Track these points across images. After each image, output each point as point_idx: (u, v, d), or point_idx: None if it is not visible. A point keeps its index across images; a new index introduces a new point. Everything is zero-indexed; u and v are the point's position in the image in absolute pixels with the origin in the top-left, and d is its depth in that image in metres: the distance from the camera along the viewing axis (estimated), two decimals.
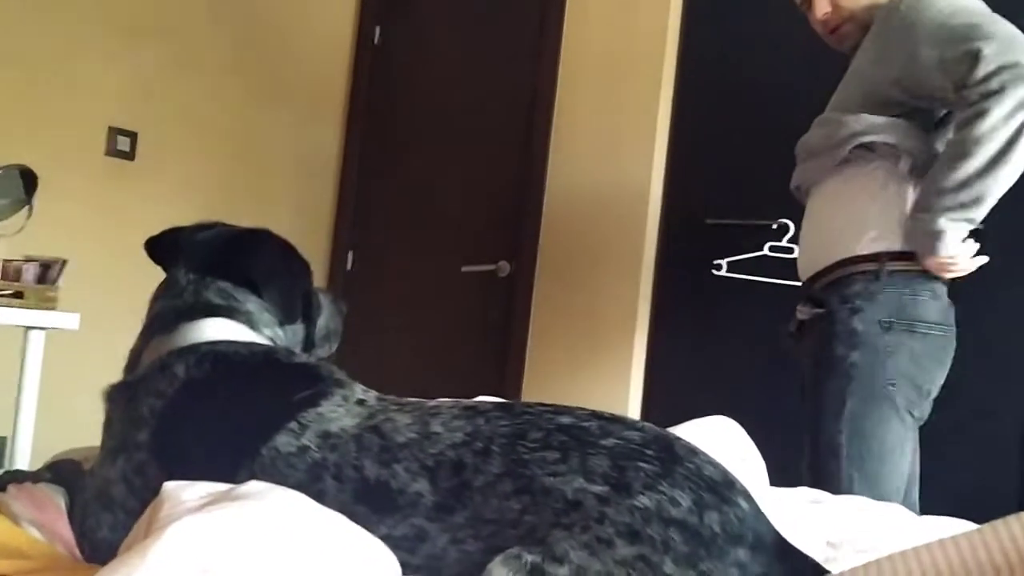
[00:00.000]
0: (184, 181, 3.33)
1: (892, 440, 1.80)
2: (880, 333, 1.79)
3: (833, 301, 1.84)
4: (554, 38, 3.34)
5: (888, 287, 1.80)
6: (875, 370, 1.78)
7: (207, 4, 3.37)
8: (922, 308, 1.81)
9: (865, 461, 1.78)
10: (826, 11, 1.98)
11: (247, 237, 1.26)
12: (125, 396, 1.10)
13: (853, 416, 1.79)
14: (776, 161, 2.83)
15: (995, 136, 1.65)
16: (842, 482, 1.77)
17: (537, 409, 0.92)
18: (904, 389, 1.80)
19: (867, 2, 1.93)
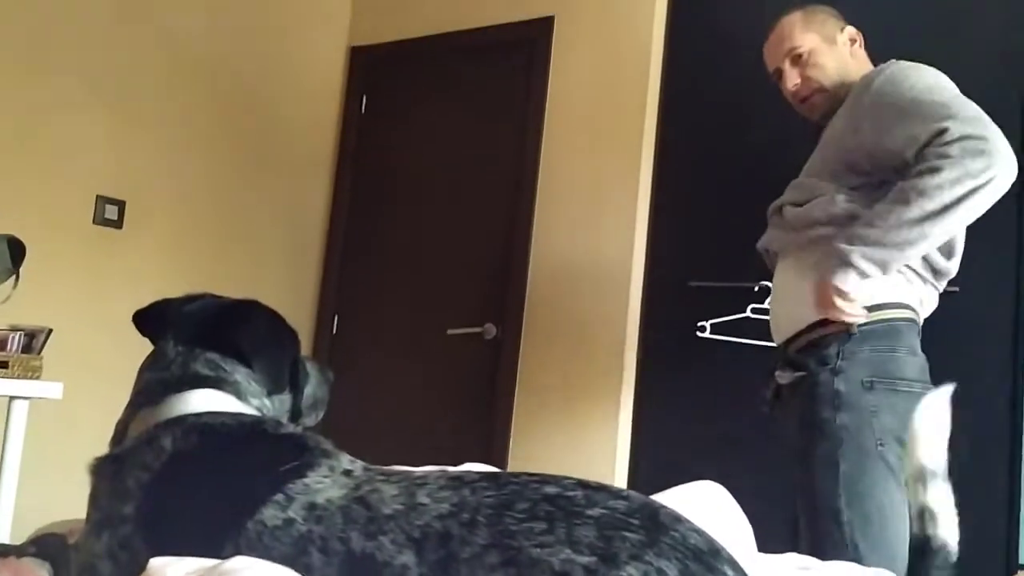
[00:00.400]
0: (172, 249, 3.34)
1: (888, 501, 1.78)
2: (863, 392, 1.79)
3: (812, 363, 1.85)
4: (538, 106, 3.42)
5: (865, 345, 1.81)
6: (863, 430, 1.78)
7: (194, 72, 3.42)
8: (902, 365, 1.82)
9: (867, 525, 1.76)
10: (796, 83, 2.04)
11: (236, 308, 1.27)
12: (111, 469, 1.09)
13: (848, 479, 1.77)
14: (755, 224, 2.87)
15: (938, 194, 1.68)
16: (847, 548, 1.74)
17: (523, 479, 0.93)
18: (893, 447, 1.78)
19: (836, 76, 2.00)
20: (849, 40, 2.04)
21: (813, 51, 2.02)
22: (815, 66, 2.02)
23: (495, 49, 3.64)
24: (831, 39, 2.03)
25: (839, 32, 2.04)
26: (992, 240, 2.09)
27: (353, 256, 3.89)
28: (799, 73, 2.04)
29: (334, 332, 3.86)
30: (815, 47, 2.02)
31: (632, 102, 3.21)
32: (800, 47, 2.03)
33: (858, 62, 2.02)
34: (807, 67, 2.03)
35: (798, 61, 2.04)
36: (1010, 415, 2.52)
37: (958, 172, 1.67)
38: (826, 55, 2.02)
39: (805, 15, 2.06)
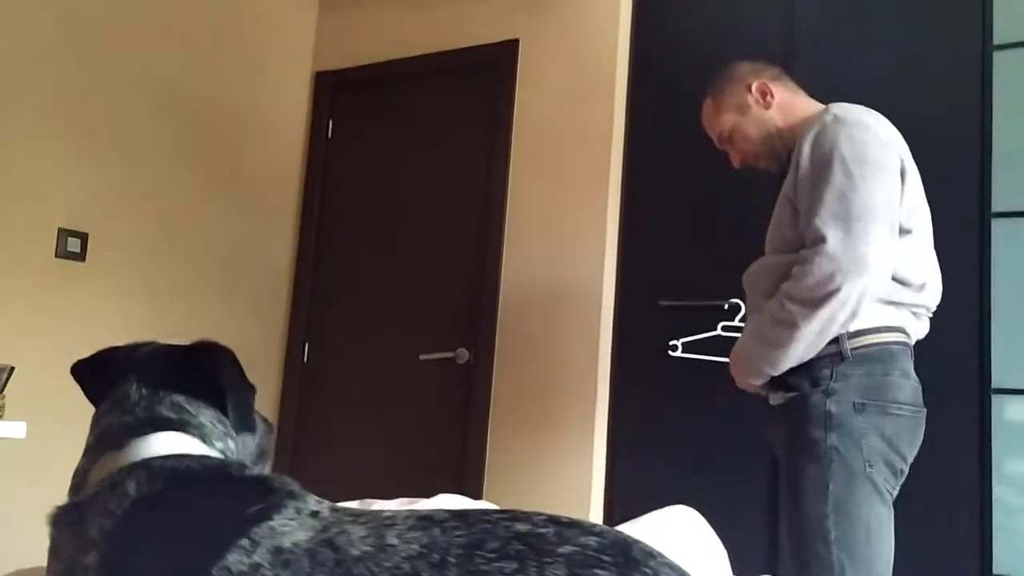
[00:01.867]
0: (137, 281, 3.29)
1: (875, 522, 1.80)
2: (854, 414, 1.81)
3: (804, 385, 1.86)
4: (505, 129, 3.43)
5: (859, 368, 1.83)
6: (852, 452, 1.80)
7: (157, 101, 3.39)
8: (894, 388, 1.84)
9: (853, 545, 1.77)
10: (737, 160, 2.16)
11: (201, 348, 1.25)
12: (72, 518, 1.06)
13: (837, 499, 1.78)
14: (724, 243, 2.92)
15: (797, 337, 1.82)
16: (833, 567, 1.76)
17: (494, 517, 0.92)
18: (880, 469, 1.81)
19: (763, 137, 2.07)
20: (759, 95, 2.08)
21: (734, 128, 2.11)
22: (742, 139, 2.11)
23: (461, 72, 3.65)
24: (743, 108, 2.09)
25: (748, 94, 2.09)
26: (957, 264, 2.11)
27: (323, 283, 3.86)
28: (735, 151, 2.15)
29: (304, 360, 3.82)
30: (733, 124, 2.11)
31: (599, 123, 3.23)
32: (723, 131, 2.13)
33: (779, 107, 2.07)
34: (738, 143, 2.13)
35: (730, 141, 2.14)
36: (979, 427, 2.55)
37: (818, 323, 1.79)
38: (746, 125, 2.09)
39: (714, 98, 2.15)
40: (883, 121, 1.91)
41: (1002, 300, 2.58)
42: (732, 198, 2.95)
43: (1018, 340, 2.56)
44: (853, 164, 1.80)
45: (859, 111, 1.90)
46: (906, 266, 1.86)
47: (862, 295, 1.77)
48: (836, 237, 1.77)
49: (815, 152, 1.87)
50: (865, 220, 1.77)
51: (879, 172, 1.81)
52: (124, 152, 3.27)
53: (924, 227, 1.93)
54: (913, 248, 1.88)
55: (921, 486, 1.95)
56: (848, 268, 1.75)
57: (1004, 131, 2.64)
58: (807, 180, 1.87)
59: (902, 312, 1.90)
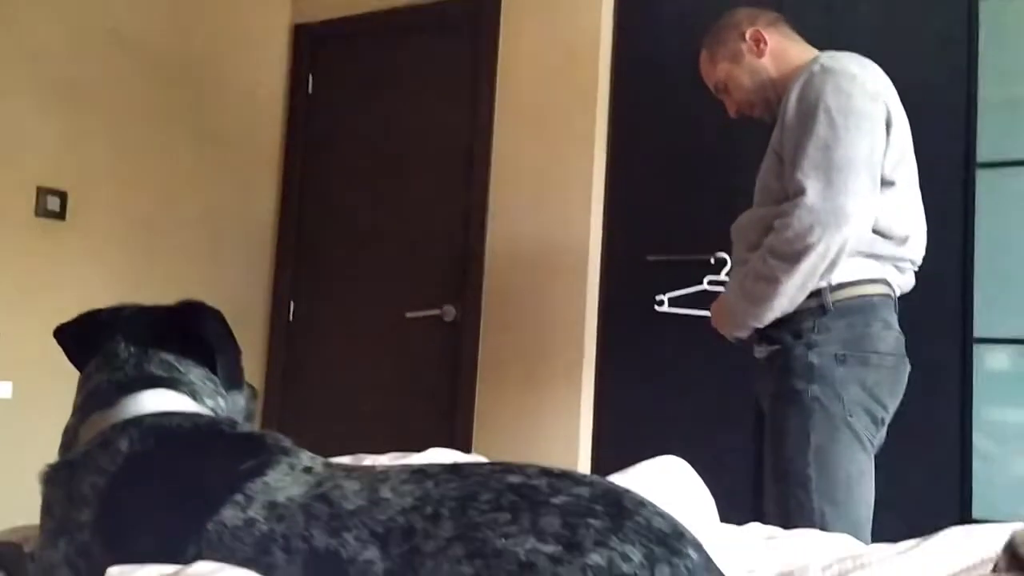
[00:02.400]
0: (118, 240, 3.26)
1: (856, 470, 1.84)
2: (835, 366, 1.83)
3: (787, 338, 1.88)
4: (488, 84, 3.39)
5: (840, 320, 1.84)
6: (834, 402, 1.82)
7: (135, 57, 3.32)
8: (875, 340, 1.86)
9: (834, 493, 1.81)
10: (733, 109, 2.15)
11: (189, 307, 1.25)
12: (64, 476, 1.07)
13: (819, 448, 1.81)
14: (710, 196, 2.91)
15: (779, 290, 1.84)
16: (813, 514, 1.79)
17: (486, 469, 0.92)
18: (862, 419, 1.84)
19: (757, 86, 2.06)
20: (753, 43, 2.06)
21: (728, 77, 2.09)
22: (737, 89, 2.09)
23: (444, 26, 3.59)
24: (737, 57, 2.07)
25: (741, 43, 2.07)
26: (941, 214, 2.12)
27: (307, 241, 3.84)
28: (731, 101, 2.13)
29: (290, 319, 3.81)
30: (727, 73, 2.09)
31: (584, 77, 3.20)
32: (718, 80, 2.12)
33: (772, 55, 2.05)
34: (733, 92, 2.11)
35: (725, 90, 2.13)
36: (960, 375, 2.58)
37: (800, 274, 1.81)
38: (740, 74, 2.08)
39: (709, 48, 2.13)
40: (872, 70, 1.90)
41: (985, 250, 2.60)
42: (719, 152, 2.94)
43: (1000, 290, 2.59)
44: (837, 115, 1.80)
45: (848, 60, 1.89)
46: (889, 218, 1.87)
47: (842, 247, 1.78)
48: (816, 189, 1.78)
49: (800, 103, 1.86)
50: (845, 171, 1.77)
51: (863, 123, 1.81)
52: (103, 110, 3.22)
53: (909, 179, 1.93)
54: (897, 200, 1.88)
55: (902, 433, 1.98)
56: (827, 220, 1.76)
57: (989, 81, 2.64)
58: (792, 131, 1.87)
59: (884, 265, 1.91)
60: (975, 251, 2.60)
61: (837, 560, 1.26)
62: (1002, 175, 2.61)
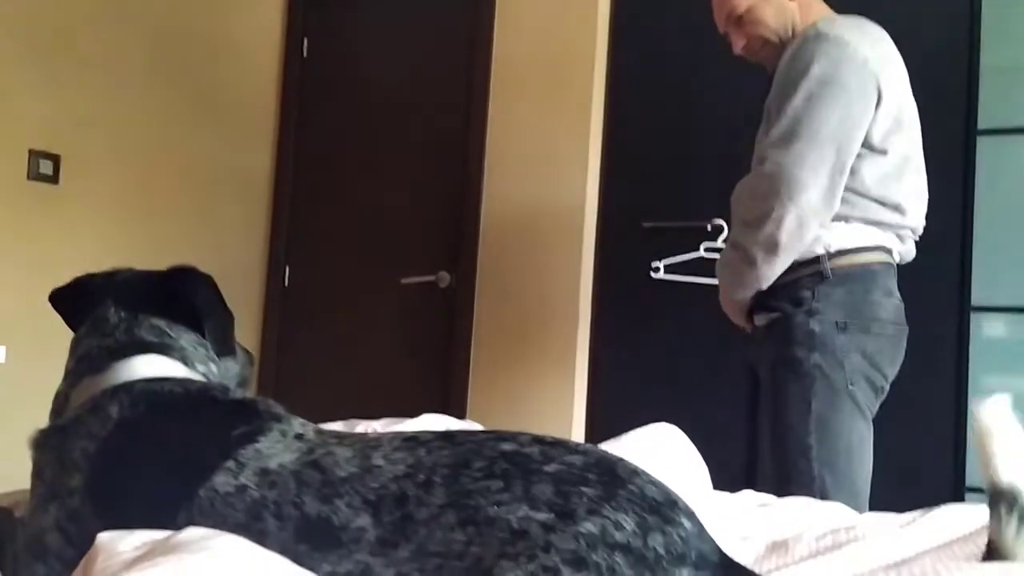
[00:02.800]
0: (112, 204, 3.24)
1: (856, 438, 1.84)
2: (836, 333, 1.82)
3: (786, 306, 1.87)
4: (485, 49, 3.34)
5: (840, 287, 1.83)
6: (835, 370, 1.82)
7: (128, 19, 3.28)
8: (876, 307, 1.85)
9: (835, 461, 1.81)
10: (741, 45, 2.05)
11: (179, 272, 1.24)
12: (55, 441, 1.06)
13: (820, 416, 1.81)
14: (707, 163, 2.89)
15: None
16: (814, 481, 1.79)
17: (479, 437, 0.92)
18: (862, 387, 1.84)
19: (778, 27, 1.98)
20: None
21: (751, 8, 1.99)
22: (755, 23, 1.99)
23: None
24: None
25: None
26: (941, 180, 2.10)
27: (302, 206, 3.81)
28: (742, 34, 2.02)
29: (286, 284, 3.80)
30: (752, 4, 1.99)
31: (582, 43, 3.15)
32: (738, 7, 2.00)
33: (799, 4, 1.98)
34: (748, 25, 2.01)
35: (739, 22, 2.02)
36: (957, 343, 2.58)
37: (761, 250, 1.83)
38: (764, 9, 1.98)
39: None
40: (871, 38, 1.86)
41: (984, 218, 2.59)
42: (715, 119, 2.91)
43: (998, 258, 2.58)
44: (817, 85, 1.79)
45: (846, 27, 1.86)
46: (882, 186, 1.85)
47: (801, 217, 1.77)
48: (775, 158, 1.78)
49: (789, 67, 1.85)
50: (808, 143, 1.76)
51: (841, 94, 1.78)
52: (96, 73, 3.18)
53: (905, 147, 1.89)
54: (888, 168, 1.86)
55: (898, 401, 1.98)
56: (780, 189, 1.77)
57: (991, 49, 2.61)
58: (775, 95, 1.86)
59: (886, 232, 1.90)
60: (974, 218, 2.59)
61: (831, 530, 1.27)
62: (1002, 141, 2.59)
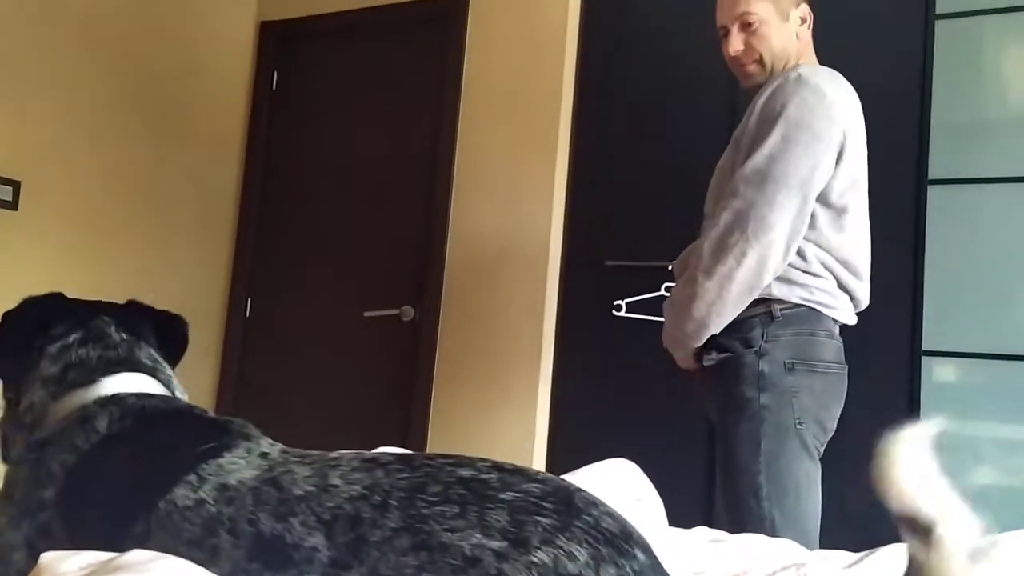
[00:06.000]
0: (72, 232, 3.20)
1: (804, 478, 1.86)
2: (784, 374, 1.85)
3: (737, 346, 1.89)
4: (454, 84, 3.39)
5: (787, 328, 1.87)
6: (783, 410, 1.84)
7: (95, 45, 3.27)
8: (820, 348, 1.88)
9: (784, 500, 1.83)
10: (738, 48, 2.01)
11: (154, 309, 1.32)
12: (34, 456, 1.06)
13: (769, 456, 1.83)
14: (670, 203, 2.94)
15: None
16: (764, 520, 1.81)
17: (438, 462, 0.92)
18: (811, 427, 1.87)
19: (778, 52, 1.98)
20: (800, 19, 2.00)
21: (764, 21, 1.97)
22: (761, 37, 1.97)
23: (410, 26, 3.59)
24: (784, 14, 1.98)
25: (794, 8, 1.99)
26: (893, 228, 2.17)
27: (266, 237, 3.80)
28: (744, 39, 1.99)
29: (247, 315, 3.77)
30: (767, 18, 1.97)
31: (548, 80, 3.21)
32: (752, 15, 1.97)
33: (801, 44, 2.01)
34: (754, 36, 1.98)
35: (747, 28, 1.98)
36: (908, 388, 2.63)
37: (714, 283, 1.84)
38: (775, 29, 1.97)
39: None
40: (844, 93, 1.90)
41: (934, 265, 2.66)
42: (680, 159, 2.97)
43: (949, 304, 2.64)
44: (793, 129, 1.82)
45: (823, 77, 1.89)
46: (845, 246, 1.89)
47: (762, 258, 1.79)
48: (747, 195, 1.81)
49: (767, 106, 1.88)
50: (780, 185, 1.79)
51: (815, 143, 1.82)
52: (59, 100, 3.16)
53: (861, 207, 1.93)
54: (849, 225, 1.89)
55: (849, 444, 2.01)
56: (746, 227, 1.79)
57: (943, 100, 2.70)
58: (751, 132, 1.89)
59: (830, 286, 1.92)
60: (925, 264, 2.66)
61: (782, 567, 1.28)
62: (952, 191, 2.67)
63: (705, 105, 2.19)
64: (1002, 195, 2.62)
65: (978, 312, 2.62)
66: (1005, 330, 2.58)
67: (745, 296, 1.84)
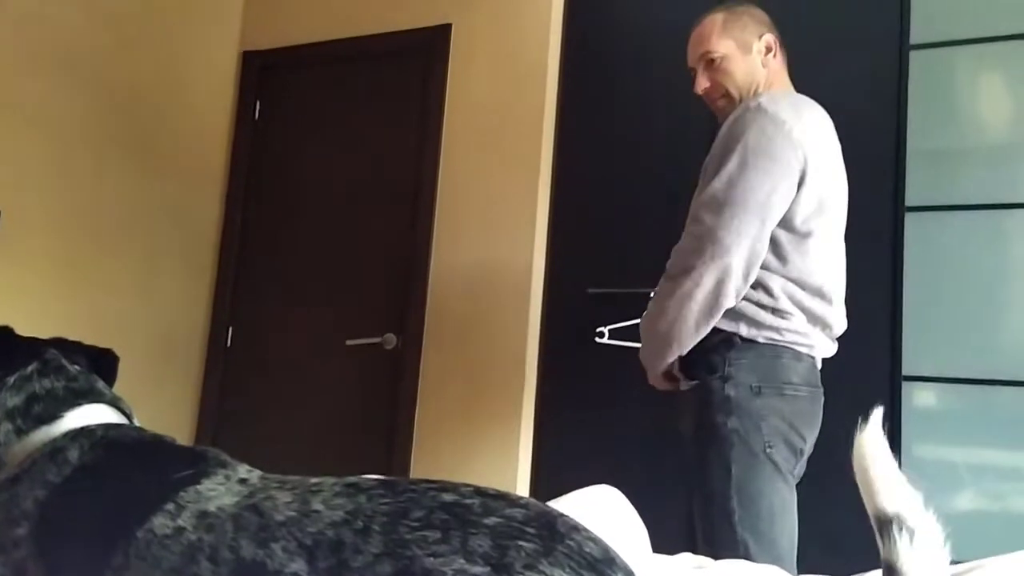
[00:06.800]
0: (52, 262, 3.18)
1: (778, 501, 1.86)
2: (751, 397, 1.86)
3: (702, 372, 1.90)
4: (436, 114, 3.41)
5: (749, 351, 1.87)
6: (752, 434, 1.84)
7: (76, 74, 3.27)
8: (786, 370, 1.89)
9: (757, 524, 1.83)
10: (704, 86, 2.07)
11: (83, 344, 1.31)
12: (4, 494, 1.05)
13: (740, 481, 1.83)
14: (652, 231, 2.96)
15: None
16: (738, 545, 1.80)
17: (421, 487, 0.92)
18: (781, 449, 1.87)
19: (743, 85, 2.02)
20: (765, 49, 2.04)
21: (725, 57, 2.03)
22: (725, 72, 2.03)
23: (392, 56, 3.62)
24: (746, 47, 2.03)
25: (756, 40, 2.03)
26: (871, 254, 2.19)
27: (248, 266, 3.79)
28: (708, 77, 2.05)
29: (228, 345, 3.75)
30: (728, 53, 2.03)
31: (530, 110, 3.24)
32: (714, 52, 2.03)
33: (770, 72, 2.04)
34: (717, 72, 2.04)
35: (710, 65, 2.04)
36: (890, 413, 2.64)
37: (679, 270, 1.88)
38: (737, 63, 2.02)
39: (726, 19, 2.05)
40: (808, 118, 1.91)
41: (913, 291, 2.69)
42: (661, 187, 3.00)
43: (928, 330, 2.67)
44: (751, 155, 1.84)
45: (784, 105, 1.91)
46: (808, 270, 1.89)
47: (720, 280, 1.82)
48: (706, 220, 1.84)
49: (727, 134, 1.90)
50: (738, 209, 1.81)
51: (774, 168, 1.83)
52: (40, 129, 3.15)
53: (827, 232, 1.92)
54: (813, 251, 1.89)
55: (829, 469, 2.01)
56: (705, 249, 1.82)
57: (918, 128, 2.74)
58: (711, 159, 1.92)
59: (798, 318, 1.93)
60: (903, 290, 2.68)
61: None
62: (929, 218, 2.71)
63: (687, 132, 2.22)
64: (978, 221, 2.66)
65: (957, 337, 2.64)
66: (984, 355, 2.61)
67: (706, 317, 1.86)
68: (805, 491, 1.96)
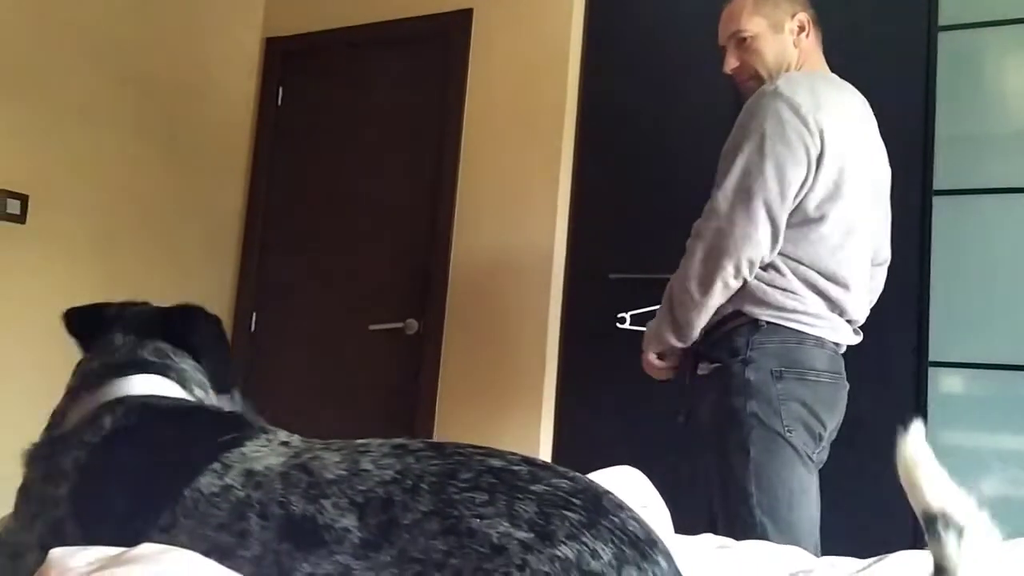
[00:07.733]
0: (79, 246, 3.21)
1: (797, 485, 1.85)
2: (772, 382, 1.85)
3: (724, 355, 1.90)
4: (457, 99, 3.41)
5: (774, 336, 1.87)
6: (772, 418, 1.84)
7: (103, 61, 3.29)
8: (809, 356, 1.88)
9: (776, 508, 1.82)
10: (733, 66, 2.06)
11: (185, 308, 1.30)
12: (45, 452, 1.07)
13: (758, 464, 1.83)
14: (674, 216, 2.94)
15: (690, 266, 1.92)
16: (756, 528, 1.80)
17: (468, 450, 0.93)
18: (800, 433, 1.86)
19: (773, 65, 2.01)
20: (797, 28, 2.01)
21: (756, 36, 2.01)
22: (755, 52, 2.01)
23: (414, 41, 3.61)
24: (778, 26, 2.00)
25: (789, 19, 2.01)
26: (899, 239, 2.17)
27: (271, 252, 3.82)
28: (738, 56, 2.04)
29: (252, 330, 3.78)
30: (759, 32, 2.01)
31: (552, 94, 3.23)
32: (744, 31, 2.02)
33: (802, 52, 2.02)
34: (747, 52, 2.02)
35: (741, 44, 2.03)
36: (916, 399, 2.63)
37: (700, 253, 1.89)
38: (768, 42, 2.01)
39: None
40: (831, 100, 1.89)
41: (940, 276, 2.66)
42: (683, 172, 2.98)
43: (955, 315, 2.65)
44: (767, 141, 1.83)
45: (802, 88, 1.87)
46: (819, 255, 1.88)
47: (737, 266, 1.83)
48: (721, 202, 1.85)
49: (744, 118, 1.90)
50: (751, 195, 1.82)
51: (786, 153, 1.82)
52: (67, 115, 3.18)
53: (845, 216, 1.90)
54: (825, 235, 1.88)
55: (856, 455, 2.01)
56: (718, 226, 1.84)
57: (946, 111, 2.71)
58: (730, 142, 1.91)
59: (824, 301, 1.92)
60: (931, 275, 2.66)
61: (789, 574, 1.28)
62: (957, 202, 2.68)
63: (707, 118, 2.21)
64: (1008, 205, 2.63)
65: (985, 322, 2.62)
66: (1012, 340, 2.58)
67: (715, 299, 1.89)
68: (829, 476, 1.95)
